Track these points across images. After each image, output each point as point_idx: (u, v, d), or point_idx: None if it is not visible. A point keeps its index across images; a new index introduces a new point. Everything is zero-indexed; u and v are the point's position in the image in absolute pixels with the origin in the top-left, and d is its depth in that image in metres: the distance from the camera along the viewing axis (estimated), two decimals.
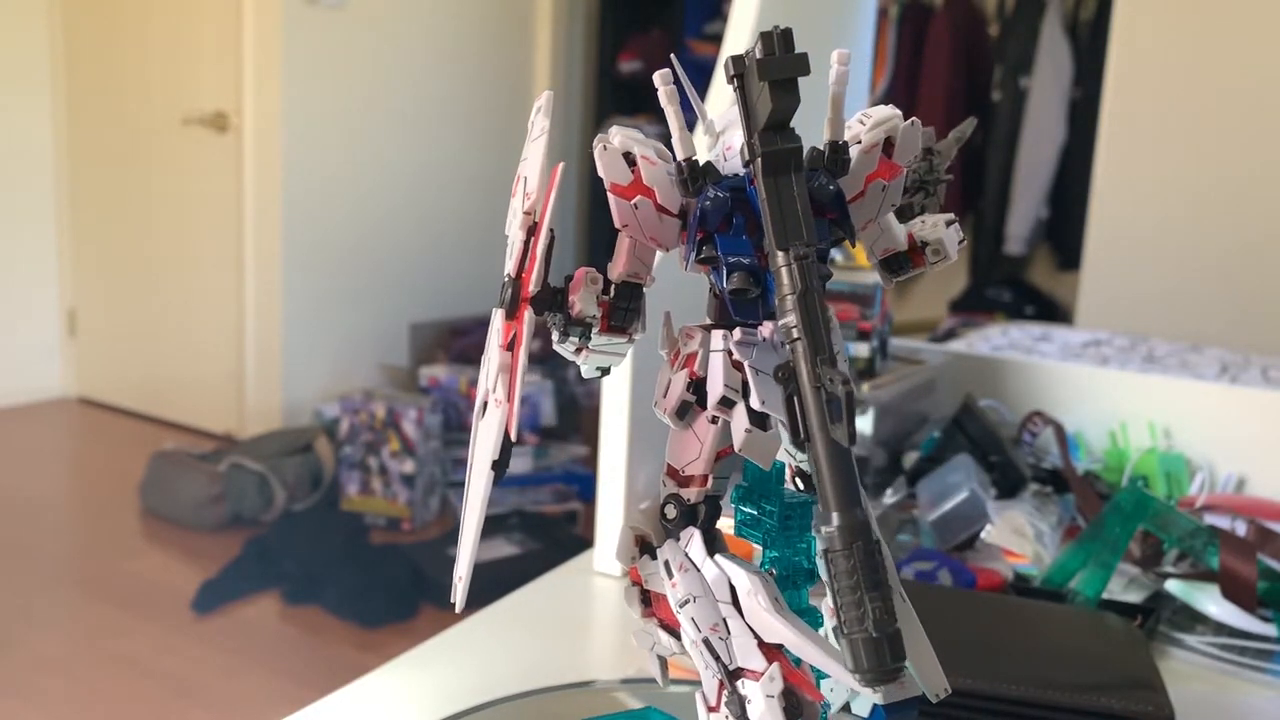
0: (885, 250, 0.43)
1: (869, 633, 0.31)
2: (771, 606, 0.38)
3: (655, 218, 0.40)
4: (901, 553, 0.93)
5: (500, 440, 0.39)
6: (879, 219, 0.42)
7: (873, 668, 0.31)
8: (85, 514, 3.12)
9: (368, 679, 0.69)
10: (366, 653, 2.30)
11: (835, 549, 0.32)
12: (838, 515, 0.32)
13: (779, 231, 0.35)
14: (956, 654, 0.65)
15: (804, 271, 0.34)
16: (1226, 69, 2.71)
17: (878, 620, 0.31)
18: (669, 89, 0.39)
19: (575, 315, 0.41)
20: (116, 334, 4.05)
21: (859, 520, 0.32)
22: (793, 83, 0.35)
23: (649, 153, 0.40)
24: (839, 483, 0.32)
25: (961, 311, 3.99)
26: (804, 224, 0.35)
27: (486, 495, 0.40)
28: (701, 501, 0.41)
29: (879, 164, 0.41)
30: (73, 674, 2.15)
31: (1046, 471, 1.07)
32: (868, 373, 1.07)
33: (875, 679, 0.31)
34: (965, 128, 0.56)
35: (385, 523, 3.06)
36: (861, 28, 1.39)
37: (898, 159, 0.41)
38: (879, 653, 0.31)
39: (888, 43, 4.22)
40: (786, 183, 0.36)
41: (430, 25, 3.94)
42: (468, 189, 4.11)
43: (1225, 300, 2.69)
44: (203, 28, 3.63)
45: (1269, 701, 0.72)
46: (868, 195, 0.41)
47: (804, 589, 0.45)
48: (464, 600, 0.40)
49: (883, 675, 0.31)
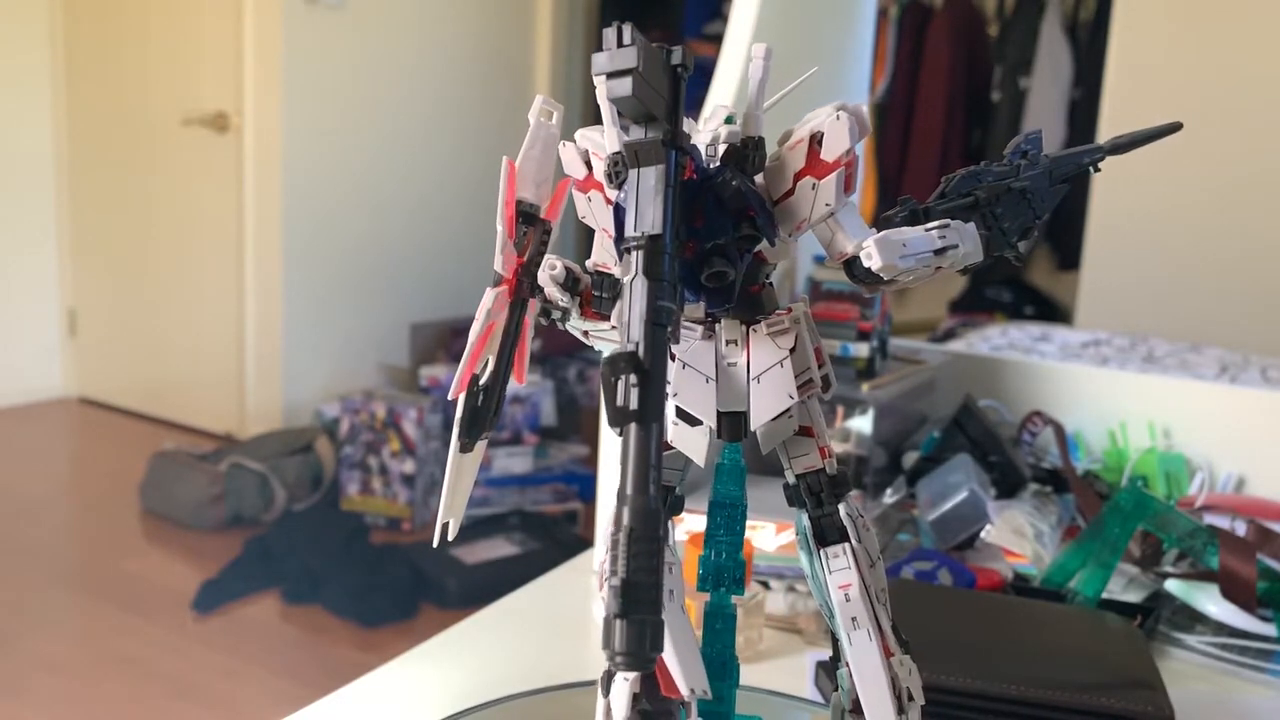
0: (840, 255, 0.42)
1: (619, 615, 0.31)
2: (669, 618, 0.38)
3: (606, 210, 0.42)
4: (901, 553, 0.93)
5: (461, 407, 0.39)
6: (814, 220, 0.41)
7: (620, 650, 0.30)
8: (85, 514, 3.12)
9: (368, 679, 0.69)
10: (366, 653, 2.30)
11: (615, 529, 0.32)
12: (626, 498, 0.32)
13: (630, 220, 0.36)
14: (956, 654, 0.65)
15: (646, 259, 0.35)
16: (1226, 69, 2.71)
17: (627, 604, 0.31)
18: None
19: (546, 298, 0.43)
20: (116, 334, 4.05)
21: (638, 506, 0.31)
22: (624, 74, 0.36)
23: (602, 151, 0.42)
24: (630, 466, 0.32)
25: (961, 311, 3.99)
26: (658, 214, 0.35)
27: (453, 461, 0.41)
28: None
29: (807, 160, 0.40)
30: (73, 674, 2.15)
31: (1046, 471, 1.07)
32: (868, 373, 1.07)
33: (622, 662, 0.31)
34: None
35: (385, 523, 3.06)
36: (861, 28, 1.39)
37: (825, 155, 0.40)
38: (626, 637, 0.30)
39: (888, 43, 4.23)
40: (648, 174, 0.37)
41: (430, 25, 3.94)
42: (468, 189, 4.11)
43: (1225, 300, 2.69)
44: (203, 28, 3.63)
45: (1269, 701, 0.72)
46: (797, 193, 0.41)
47: (726, 592, 0.45)
48: (438, 538, 0.43)
49: (629, 661, 0.30)
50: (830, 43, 1.29)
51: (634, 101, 0.36)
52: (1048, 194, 0.46)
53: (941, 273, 0.42)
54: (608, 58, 0.36)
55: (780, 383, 0.40)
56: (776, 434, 0.41)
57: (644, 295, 0.34)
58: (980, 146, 4.12)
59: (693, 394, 0.39)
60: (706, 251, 0.39)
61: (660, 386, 0.33)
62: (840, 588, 0.41)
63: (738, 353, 0.41)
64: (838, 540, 0.41)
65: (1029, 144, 0.47)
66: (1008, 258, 0.46)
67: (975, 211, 0.45)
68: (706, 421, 0.39)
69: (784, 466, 0.42)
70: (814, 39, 1.23)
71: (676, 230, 0.37)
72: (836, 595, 0.41)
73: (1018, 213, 0.45)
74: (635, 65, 0.36)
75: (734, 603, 0.46)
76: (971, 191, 0.45)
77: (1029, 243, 0.46)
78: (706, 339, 0.41)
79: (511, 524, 2.94)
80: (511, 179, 0.42)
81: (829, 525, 0.42)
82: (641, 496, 0.31)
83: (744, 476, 0.46)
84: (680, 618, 0.39)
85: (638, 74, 0.36)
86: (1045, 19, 3.94)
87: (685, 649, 0.38)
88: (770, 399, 0.40)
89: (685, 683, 0.38)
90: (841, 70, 1.33)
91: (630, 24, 0.36)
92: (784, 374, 0.40)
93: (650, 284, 0.34)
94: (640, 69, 0.36)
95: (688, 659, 0.37)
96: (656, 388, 0.33)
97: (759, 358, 0.40)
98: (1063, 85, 3.94)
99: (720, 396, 0.40)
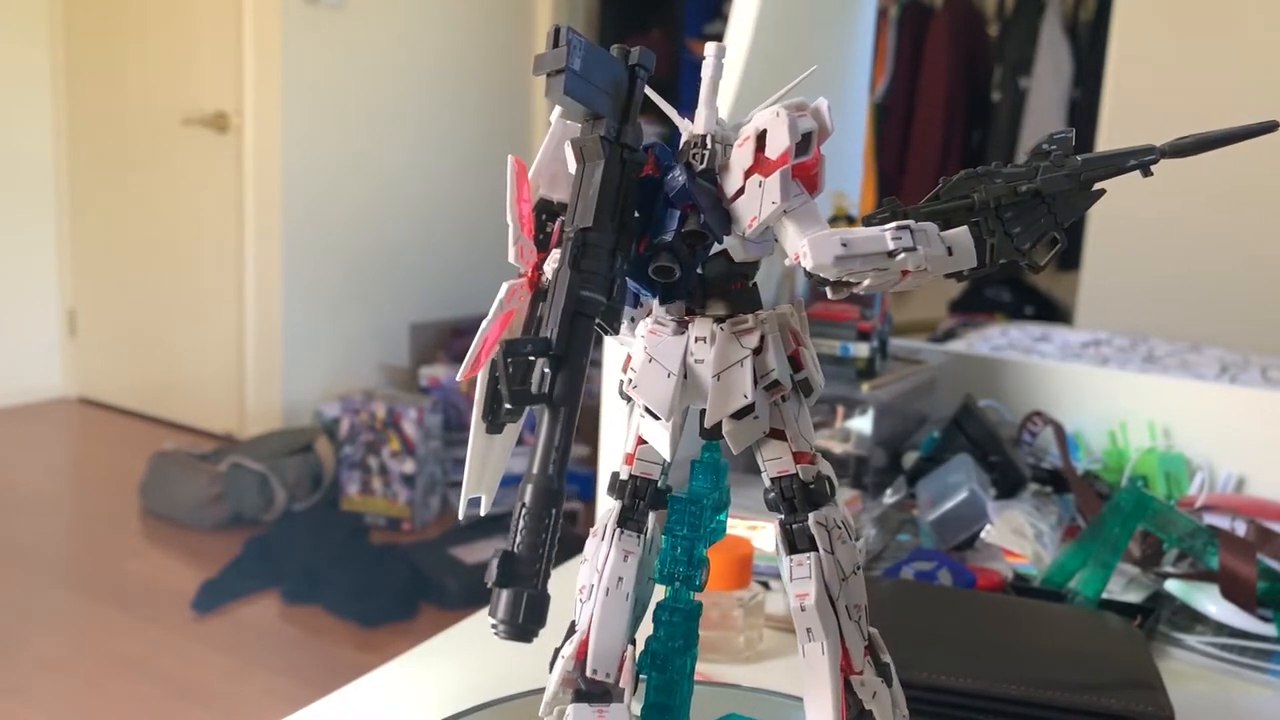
0: (792, 255, 0.42)
1: (495, 583, 0.33)
2: (598, 591, 0.41)
3: None
4: (901, 553, 0.93)
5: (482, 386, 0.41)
6: (765, 218, 0.40)
7: (500, 619, 0.33)
8: (85, 514, 3.12)
9: (368, 679, 0.69)
10: (366, 653, 2.30)
11: (518, 502, 0.34)
12: (531, 476, 0.34)
13: (569, 213, 0.38)
14: (956, 654, 0.65)
15: (572, 251, 0.37)
16: (1226, 69, 2.71)
17: (504, 574, 0.33)
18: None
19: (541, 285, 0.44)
20: (116, 334, 4.05)
21: (535, 485, 0.34)
22: (557, 74, 0.37)
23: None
24: (538, 447, 0.34)
25: (961, 312, 3.99)
26: (591, 208, 0.37)
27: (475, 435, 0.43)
28: (629, 479, 0.43)
29: (754, 158, 0.40)
30: (73, 674, 2.15)
31: (1046, 471, 1.07)
32: (868, 373, 1.07)
33: (499, 630, 0.33)
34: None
35: (385, 523, 3.06)
36: (861, 28, 1.39)
37: (769, 153, 0.40)
38: (501, 605, 0.32)
39: (888, 43, 4.23)
40: (591, 170, 0.38)
41: (430, 25, 3.94)
42: (468, 189, 4.11)
43: (1225, 300, 2.68)
44: (203, 28, 3.62)
45: (1269, 701, 0.72)
46: (748, 191, 0.40)
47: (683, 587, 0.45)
48: (464, 512, 0.45)
49: (506, 629, 0.33)
50: (830, 43, 1.29)
51: (570, 100, 0.38)
52: (1076, 199, 0.42)
53: (916, 278, 0.40)
54: (541, 59, 0.38)
55: (738, 382, 0.40)
56: (744, 435, 0.41)
57: (565, 286, 0.36)
58: (980, 146, 4.12)
59: (653, 388, 0.40)
60: (653, 247, 0.40)
61: (574, 373, 0.35)
62: (797, 596, 0.40)
63: (707, 350, 0.41)
64: (808, 549, 0.41)
65: (1053, 143, 0.43)
66: (1023, 266, 0.42)
67: (971, 215, 0.42)
68: (662, 416, 0.40)
69: (760, 469, 0.42)
70: (814, 39, 1.23)
71: (626, 225, 0.38)
72: (793, 604, 0.40)
73: (1032, 218, 0.42)
74: (564, 65, 0.37)
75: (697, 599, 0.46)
76: (970, 194, 0.42)
77: (1050, 251, 0.42)
78: (678, 335, 0.41)
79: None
80: (521, 177, 0.42)
81: (799, 533, 0.41)
82: (541, 476, 0.34)
83: (723, 474, 0.46)
84: (618, 604, 0.40)
85: (572, 73, 0.37)
86: (1045, 19, 3.94)
87: (606, 633, 0.40)
88: (725, 397, 0.40)
89: (590, 663, 0.39)
90: (841, 70, 1.33)
91: (567, 26, 0.38)
92: (743, 373, 0.40)
93: (573, 275, 0.36)
94: (575, 68, 0.37)
95: (604, 643, 0.40)
96: (569, 374, 0.35)
97: (721, 356, 0.40)
98: (1063, 85, 3.94)
99: (687, 392, 0.41)
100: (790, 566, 0.41)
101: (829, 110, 0.41)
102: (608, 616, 0.40)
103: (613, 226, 0.38)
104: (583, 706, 0.40)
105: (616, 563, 0.41)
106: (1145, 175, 0.43)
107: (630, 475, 0.43)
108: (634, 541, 0.42)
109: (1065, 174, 0.42)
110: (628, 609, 0.41)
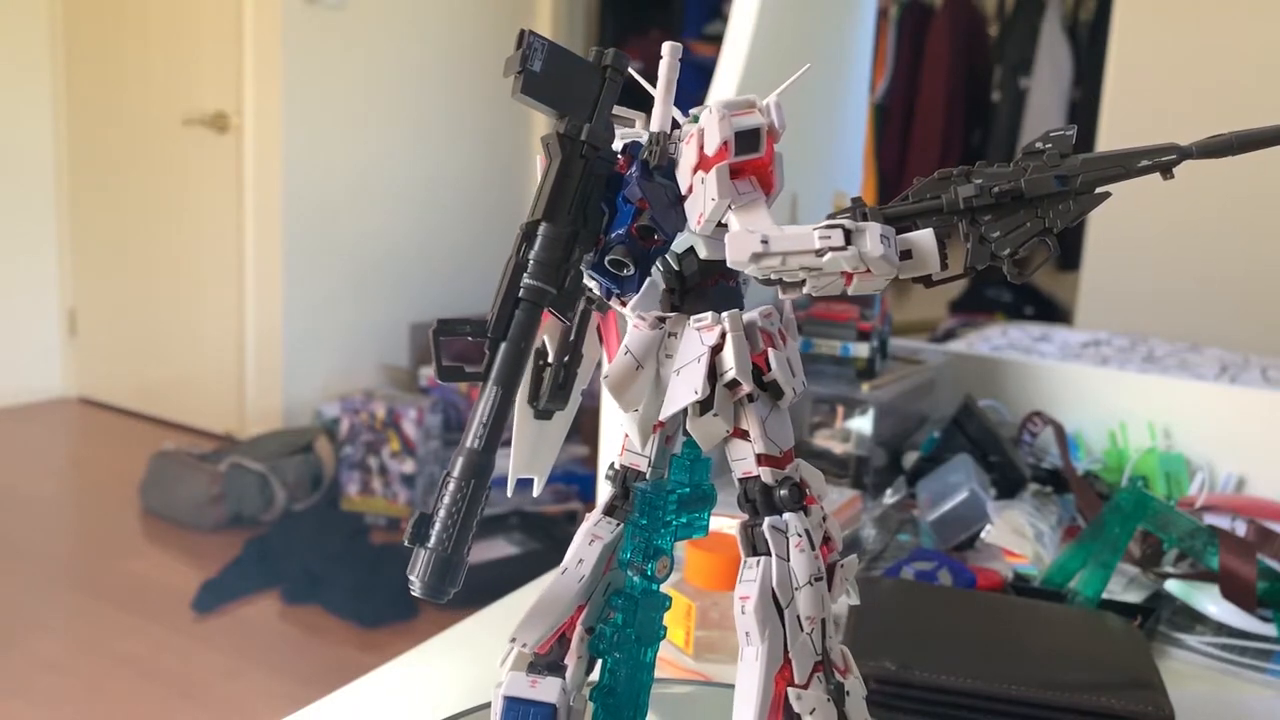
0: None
1: (409, 541, 0.35)
2: (557, 578, 0.42)
3: None
4: (901, 553, 0.93)
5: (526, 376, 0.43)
6: (710, 214, 0.40)
7: (414, 576, 0.35)
8: (85, 514, 3.12)
9: (368, 679, 0.69)
10: (366, 653, 2.30)
11: (446, 471, 0.36)
12: (463, 449, 0.36)
13: (532, 206, 0.40)
14: (956, 654, 0.65)
15: (517, 243, 0.39)
16: (1226, 69, 2.71)
17: (417, 533, 0.35)
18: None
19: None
20: (116, 334, 4.05)
21: (465, 456, 0.36)
22: (517, 75, 0.39)
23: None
24: (472, 421, 0.37)
25: (961, 312, 3.99)
26: (543, 202, 0.39)
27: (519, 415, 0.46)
28: (620, 469, 0.45)
29: (697, 156, 0.40)
30: (73, 674, 2.15)
31: (1046, 471, 1.07)
32: (868, 373, 1.07)
33: (415, 587, 0.35)
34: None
35: (385, 523, 3.06)
36: (861, 28, 1.39)
37: (706, 150, 0.40)
38: (416, 564, 0.35)
39: (888, 43, 4.23)
40: (553, 166, 0.40)
41: (430, 25, 3.94)
42: (468, 189, 4.11)
43: (1225, 300, 2.69)
44: (203, 28, 3.62)
45: (1269, 701, 0.72)
46: (695, 188, 0.41)
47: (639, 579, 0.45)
48: (512, 491, 0.48)
49: (418, 586, 0.35)
50: (830, 43, 1.29)
51: (528, 99, 0.40)
52: (1073, 201, 0.39)
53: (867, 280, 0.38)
54: (509, 61, 0.40)
55: (693, 378, 0.40)
56: (707, 433, 0.41)
57: (508, 274, 0.38)
58: (980, 146, 4.12)
59: (621, 379, 0.41)
60: (608, 243, 0.41)
61: (513, 355, 0.37)
62: (740, 599, 0.39)
63: (677, 346, 0.41)
64: (766, 552, 0.40)
65: (1048, 142, 0.40)
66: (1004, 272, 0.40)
67: (941, 217, 0.40)
68: (626, 406, 0.41)
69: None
70: (814, 39, 1.23)
71: (588, 219, 0.40)
72: (735, 604, 0.39)
73: (1015, 221, 0.39)
74: (520, 68, 0.39)
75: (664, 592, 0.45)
76: (939, 195, 0.40)
77: (1036, 257, 0.39)
78: (654, 329, 0.41)
79: (511, 524, 2.94)
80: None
81: (758, 536, 0.40)
82: (471, 448, 0.36)
83: (703, 470, 0.46)
84: (568, 583, 0.42)
85: (530, 74, 0.39)
86: (1045, 19, 3.94)
87: (542, 606, 0.41)
88: (678, 392, 0.40)
89: (513, 631, 0.41)
90: (841, 70, 1.33)
91: (530, 30, 0.40)
92: (699, 369, 0.40)
93: (517, 264, 0.38)
94: (534, 69, 0.39)
95: (536, 615, 0.41)
96: (506, 355, 0.37)
97: (683, 352, 0.41)
98: (1063, 85, 3.94)
99: (659, 387, 0.41)
100: (742, 569, 0.40)
101: (779, 108, 0.41)
102: (552, 592, 0.42)
103: (569, 220, 0.39)
104: (519, 674, 0.41)
105: (581, 545, 0.43)
106: (1166, 178, 0.39)
107: (620, 465, 0.44)
108: (608, 528, 0.43)
109: (1055, 175, 0.39)
110: (577, 590, 0.42)
